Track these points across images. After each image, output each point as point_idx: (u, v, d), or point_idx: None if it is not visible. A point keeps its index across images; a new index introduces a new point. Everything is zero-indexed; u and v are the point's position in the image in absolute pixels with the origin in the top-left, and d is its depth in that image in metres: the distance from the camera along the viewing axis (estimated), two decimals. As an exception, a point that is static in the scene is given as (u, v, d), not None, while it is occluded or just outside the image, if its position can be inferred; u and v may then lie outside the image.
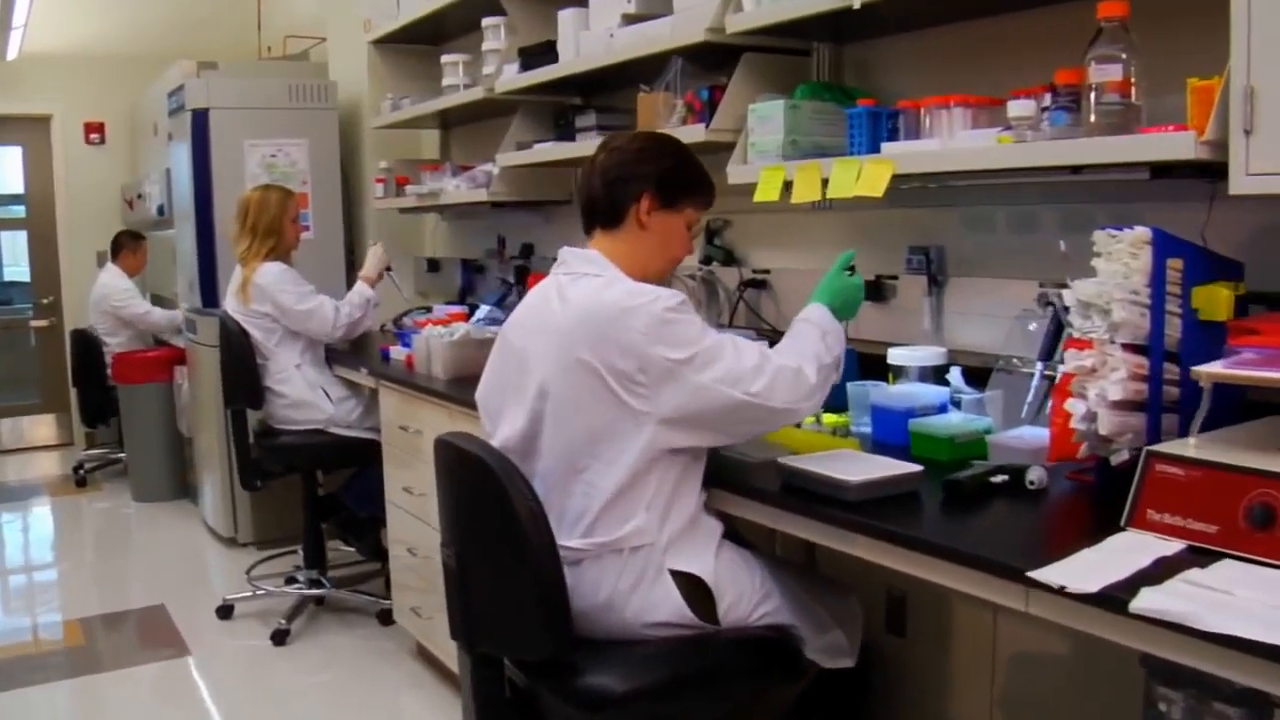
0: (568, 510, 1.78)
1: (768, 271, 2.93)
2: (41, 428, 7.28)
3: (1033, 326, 2.25)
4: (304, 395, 3.72)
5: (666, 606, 1.77)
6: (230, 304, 3.82)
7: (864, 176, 2.16)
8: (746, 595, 1.85)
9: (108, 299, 5.92)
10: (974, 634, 2.40)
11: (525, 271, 3.98)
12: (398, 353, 3.55)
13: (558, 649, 1.69)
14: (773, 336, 2.80)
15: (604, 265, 1.85)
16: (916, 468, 1.79)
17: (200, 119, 4.60)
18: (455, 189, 3.84)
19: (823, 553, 2.62)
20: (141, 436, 5.67)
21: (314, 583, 3.95)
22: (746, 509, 1.87)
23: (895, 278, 2.57)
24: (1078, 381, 1.69)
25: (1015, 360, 2.21)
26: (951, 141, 2.07)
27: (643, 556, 1.76)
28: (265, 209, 3.75)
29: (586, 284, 1.82)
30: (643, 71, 2.97)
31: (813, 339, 1.87)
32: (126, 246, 6.10)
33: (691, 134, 2.61)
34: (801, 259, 2.89)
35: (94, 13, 6.60)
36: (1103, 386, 1.65)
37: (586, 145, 3.24)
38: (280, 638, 3.69)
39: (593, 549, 1.76)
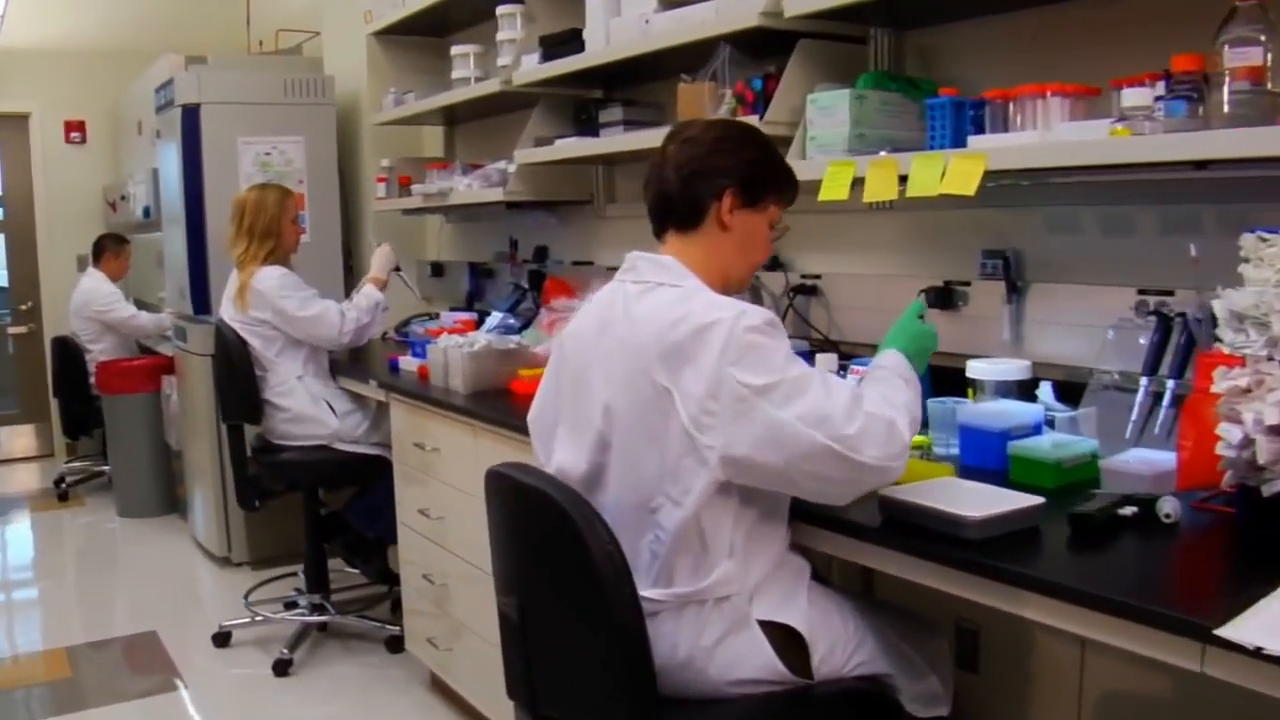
0: (640, 554, 1.56)
1: (818, 276, 2.72)
2: (20, 438, 6.98)
3: (1110, 334, 2.07)
4: (307, 409, 3.48)
5: (756, 661, 1.55)
6: (226, 311, 3.57)
7: (951, 173, 1.95)
8: (840, 643, 1.64)
9: (91, 304, 5.66)
10: (1057, 670, 2.20)
11: (540, 276, 3.76)
12: (408, 363, 3.32)
13: (638, 713, 1.47)
14: (825, 346, 2.62)
15: (682, 274, 1.62)
16: (1037, 499, 1.58)
17: (191, 115, 4.35)
18: (467, 188, 3.62)
19: (880, 579, 2.42)
20: (127, 449, 5.40)
21: (316, 608, 3.70)
22: (841, 547, 1.65)
23: (968, 284, 2.36)
24: (1226, 402, 1.49)
25: (1115, 375, 2.01)
26: (1052, 134, 1.87)
27: (728, 608, 1.54)
28: (262, 209, 3.50)
29: (661, 295, 1.60)
30: (675, 61, 2.77)
31: (899, 387, 1.62)
32: (109, 250, 5.83)
33: (742, 127, 2.41)
34: (855, 263, 2.68)
35: (73, 6, 6.32)
36: (1259, 409, 1.45)
37: (611, 141, 3.03)
38: (282, 668, 3.45)
39: (671, 600, 1.54)
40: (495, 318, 3.65)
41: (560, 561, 1.50)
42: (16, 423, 6.98)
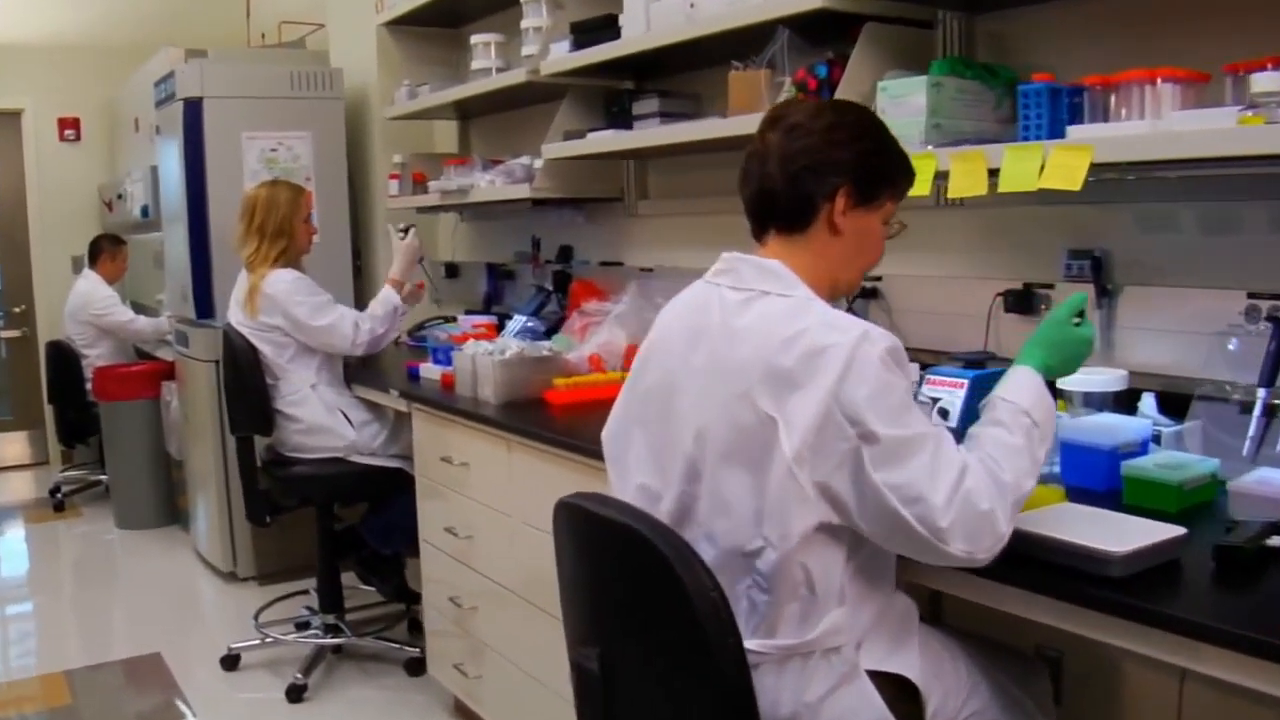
0: (738, 601, 1.37)
1: (879, 279, 2.54)
2: (13, 446, 6.76)
3: (1216, 341, 1.90)
4: (321, 420, 3.28)
5: (866, 716, 1.37)
6: (235, 316, 3.37)
7: (1052, 166, 1.77)
8: (954, 692, 1.47)
9: (87, 307, 5.47)
10: (1150, 702, 2.02)
11: (566, 278, 3.57)
12: (430, 370, 3.13)
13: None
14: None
15: (791, 282, 1.43)
16: (1179, 530, 1.41)
17: (193, 109, 4.15)
18: (489, 185, 3.43)
19: (949, 603, 2.25)
20: (126, 457, 5.20)
21: (331, 629, 3.52)
22: (955, 584, 1.47)
23: (1050, 286, 2.19)
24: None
25: (1225, 385, 1.84)
26: (1166, 123, 1.69)
27: (836, 659, 1.36)
28: (274, 207, 3.31)
29: (768, 307, 1.40)
30: (717, 49, 2.61)
31: (1015, 446, 1.38)
32: (106, 251, 5.64)
33: (802, 118, 2.23)
34: (920, 264, 2.50)
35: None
36: None
37: (647, 135, 2.85)
38: (296, 693, 3.26)
39: (773, 653, 1.36)
40: (518, 321, 3.47)
41: (653, 609, 1.32)
42: (10, 429, 6.75)
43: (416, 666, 3.34)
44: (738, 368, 1.36)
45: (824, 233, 1.47)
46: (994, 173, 1.88)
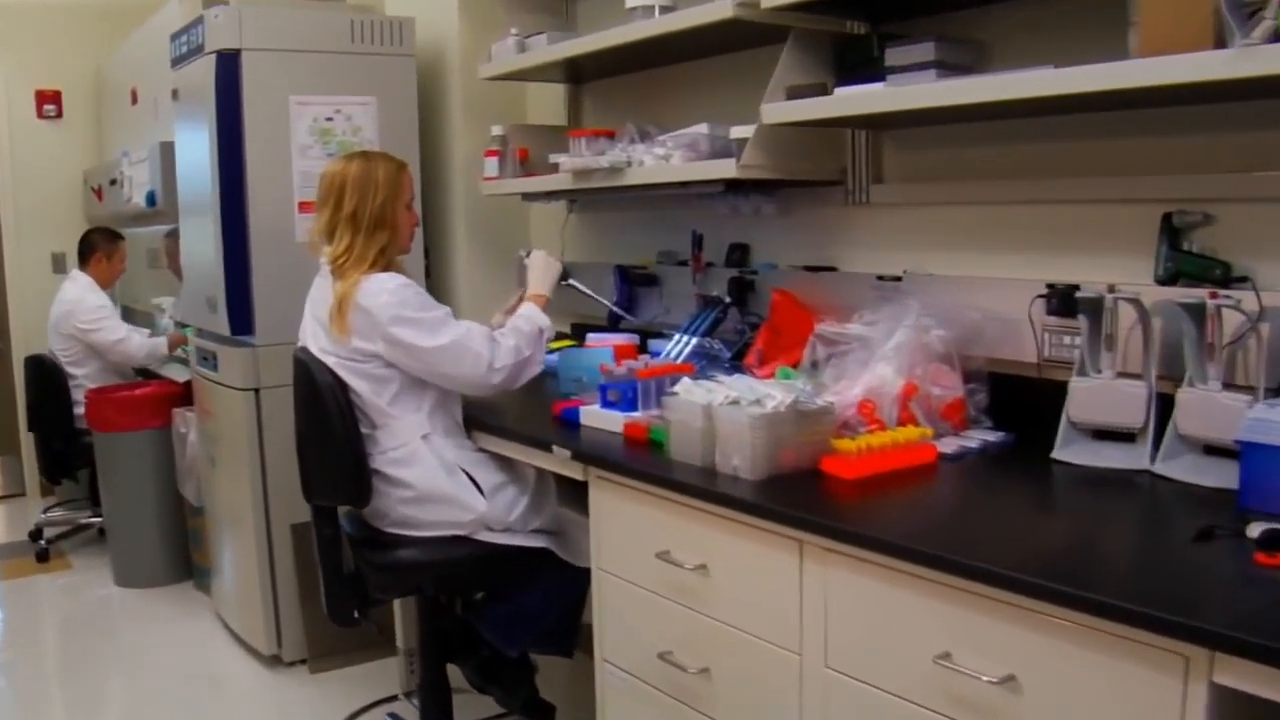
0: None
1: (1243, 279, 1.68)
2: (-17, 475, 5.80)
3: None
4: (438, 484, 2.37)
5: None
6: (314, 337, 2.46)
7: None
8: None
9: (73, 317, 4.54)
10: None
11: (747, 286, 2.71)
12: (598, 417, 2.25)
13: None
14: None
15: None
16: None
17: (228, 65, 3.22)
18: (658, 163, 2.54)
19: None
20: (127, 499, 4.26)
21: (437, 755, 2.63)
22: None
23: None
24: None
25: None
26: None
27: None
28: (369, 188, 2.40)
29: None
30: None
31: None
32: (100, 249, 4.71)
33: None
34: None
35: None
36: None
37: (922, 93, 1.99)
38: None
39: None
40: (681, 342, 2.62)
41: None
42: (-22, 456, 5.80)
43: (560, 812, 2.47)
44: None
45: None
46: None
